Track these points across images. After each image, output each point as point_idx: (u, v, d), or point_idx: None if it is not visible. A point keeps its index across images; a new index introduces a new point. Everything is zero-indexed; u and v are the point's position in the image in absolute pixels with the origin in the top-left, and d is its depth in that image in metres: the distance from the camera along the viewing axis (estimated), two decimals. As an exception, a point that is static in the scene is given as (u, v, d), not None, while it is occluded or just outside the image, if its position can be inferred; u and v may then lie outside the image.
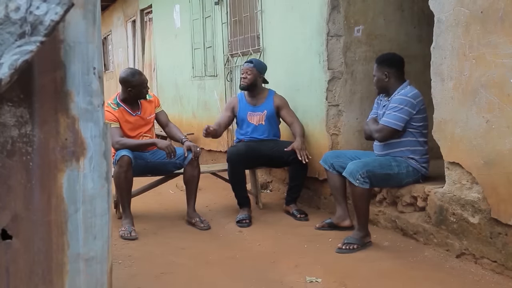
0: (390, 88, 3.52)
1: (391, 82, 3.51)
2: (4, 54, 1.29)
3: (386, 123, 3.40)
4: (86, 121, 1.55)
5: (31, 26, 1.30)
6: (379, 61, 3.56)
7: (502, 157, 2.72)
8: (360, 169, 3.30)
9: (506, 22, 2.64)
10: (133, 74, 4.04)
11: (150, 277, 2.96)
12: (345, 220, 3.71)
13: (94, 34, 1.57)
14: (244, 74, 4.33)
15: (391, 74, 3.50)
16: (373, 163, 3.39)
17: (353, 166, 3.34)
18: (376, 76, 3.56)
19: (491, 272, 2.81)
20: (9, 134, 1.45)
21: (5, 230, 1.46)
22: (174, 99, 7.80)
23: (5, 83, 1.31)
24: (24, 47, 1.30)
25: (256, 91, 4.38)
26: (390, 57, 3.59)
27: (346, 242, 3.30)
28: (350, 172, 3.32)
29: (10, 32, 1.29)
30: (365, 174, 3.28)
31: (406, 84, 3.50)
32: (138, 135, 4.12)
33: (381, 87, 3.57)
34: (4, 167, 1.44)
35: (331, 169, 3.70)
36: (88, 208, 1.57)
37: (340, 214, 3.73)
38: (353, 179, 3.29)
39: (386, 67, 3.51)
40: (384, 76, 3.51)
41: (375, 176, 3.33)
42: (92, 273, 1.59)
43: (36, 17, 1.30)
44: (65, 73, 1.50)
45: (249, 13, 5.36)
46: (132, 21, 10.10)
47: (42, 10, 1.30)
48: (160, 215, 4.39)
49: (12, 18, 1.28)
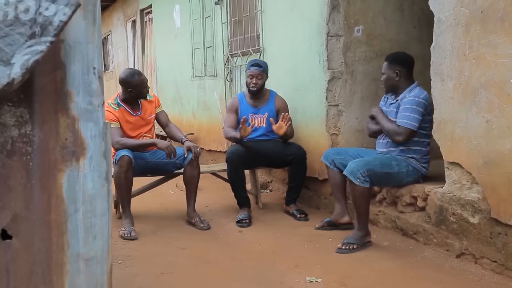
0: (400, 88, 3.51)
1: (401, 82, 3.49)
2: (15, 54, 1.32)
3: (405, 124, 3.36)
4: (86, 121, 1.55)
5: (40, 27, 1.34)
6: (391, 59, 3.53)
7: (502, 157, 2.72)
8: (360, 168, 3.30)
9: (506, 22, 2.64)
10: (132, 74, 4.04)
11: (150, 277, 2.96)
12: (344, 217, 3.72)
13: (94, 34, 1.57)
14: (255, 79, 4.28)
15: (402, 73, 3.49)
16: (374, 162, 3.39)
17: (353, 165, 3.34)
18: (386, 74, 3.53)
19: (491, 272, 2.81)
20: (9, 134, 1.45)
21: (5, 230, 1.46)
22: (174, 99, 7.80)
23: (17, 82, 1.34)
24: (34, 47, 1.33)
25: (260, 93, 4.38)
26: (402, 55, 3.57)
27: (345, 242, 3.30)
28: (351, 171, 3.32)
29: (20, 32, 1.32)
30: (365, 173, 3.28)
31: (416, 85, 3.49)
32: (138, 135, 4.12)
33: (390, 86, 3.55)
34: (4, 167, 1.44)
35: (332, 165, 3.70)
36: (88, 208, 1.57)
37: (339, 211, 3.73)
38: (354, 178, 3.29)
39: (397, 66, 3.49)
40: (395, 75, 3.49)
41: (376, 175, 3.33)
42: (92, 273, 1.59)
43: (46, 18, 1.34)
44: (65, 73, 1.50)
45: (249, 13, 5.36)
46: (132, 21, 10.10)
47: (51, 11, 1.34)
48: (160, 215, 4.39)
49: (22, 19, 1.32)
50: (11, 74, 1.32)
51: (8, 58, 1.32)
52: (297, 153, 4.15)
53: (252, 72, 4.29)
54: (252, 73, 4.30)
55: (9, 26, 1.31)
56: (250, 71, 4.31)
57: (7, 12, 1.30)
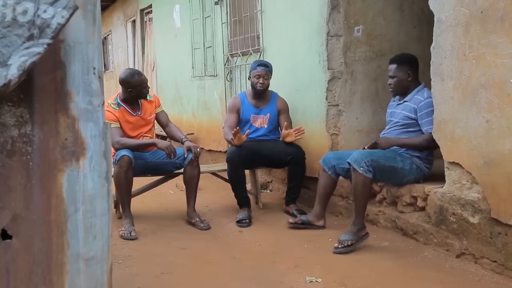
0: (409, 89, 3.51)
1: (411, 82, 3.49)
2: (12, 55, 1.33)
3: (431, 130, 3.28)
4: (86, 121, 1.55)
5: (39, 29, 1.35)
6: (400, 61, 3.52)
7: (502, 157, 2.72)
8: (365, 157, 3.29)
9: (506, 22, 2.64)
10: (132, 74, 4.04)
11: (150, 277, 2.96)
12: (320, 220, 3.76)
13: (94, 34, 1.57)
14: (261, 79, 4.28)
15: (412, 74, 3.49)
16: (378, 153, 3.39)
17: (358, 153, 3.33)
18: (397, 76, 3.50)
19: (491, 272, 2.80)
20: (9, 134, 1.45)
21: (5, 230, 1.46)
22: (174, 99, 7.80)
23: (14, 83, 1.34)
24: (31, 49, 1.34)
25: (263, 93, 4.38)
26: (410, 56, 3.56)
27: (341, 240, 3.29)
28: (355, 159, 3.30)
29: (17, 34, 1.33)
30: (369, 163, 3.28)
31: (423, 86, 3.49)
32: (138, 135, 4.12)
33: (401, 87, 3.52)
34: (4, 167, 1.44)
35: (331, 171, 3.65)
36: (88, 208, 1.57)
37: (317, 213, 3.75)
38: (358, 166, 3.27)
39: (408, 67, 3.48)
40: (407, 76, 3.48)
41: (379, 167, 3.32)
42: (92, 273, 1.59)
43: (44, 21, 1.35)
44: (65, 73, 1.51)
45: (249, 13, 5.36)
46: (132, 21, 10.10)
47: (49, 14, 1.35)
48: (160, 215, 4.39)
49: (20, 21, 1.33)
50: (7, 75, 1.32)
51: (5, 59, 1.32)
52: (296, 153, 4.15)
53: (260, 72, 4.29)
54: (259, 73, 4.29)
55: (6, 27, 1.32)
56: (257, 71, 4.30)
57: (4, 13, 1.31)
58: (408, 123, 3.48)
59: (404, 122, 3.50)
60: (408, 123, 3.48)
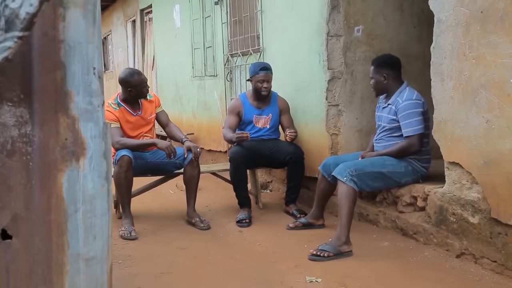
0: (389, 90, 3.53)
1: (389, 84, 3.52)
2: None
3: (413, 132, 3.36)
4: (86, 121, 1.54)
5: (6, 20, 1.23)
6: (377, 64, 3.55)
7: (502, 157, 2.72)
8: (348, 167, 3.31)
9: (506, 22, 2.64)
10: (132, 74, 4.04)
11: (150, 277, 2.96)
12: (319, 219, 3.81)
13: (94, 34, 1.57)
14: (265, 83, 4.27)
15: (389, 76, 3.51)
16: (364, 162, 3.41)
17: (343, 165, 3.36)
18: (374, 78, 3.55)
19: (491, 272, 2.81)
20: (9, 134, 1.45)
21: (5, 230, 1.46)
22: (174, 99, 7.80)
23: None
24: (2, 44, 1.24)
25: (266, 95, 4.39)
26: (388, 58, 3.58)
27: (320, 249, 3.17)
28: (339, 171, 3.34)
29: None
30: (353, 172, 3.28)
31: (405, 86, 3.50)
32: (138, 135, 4.12)
33: (380, 89, 3.57)
34: (4, 167, 1.44)
35: (330, 178, 3.63)
36: (88, 208, 1.57)
37: (316, 214, 3.80)
38: (341, 177, 3.30)
39: (384, 69, 3.51)
40: (383, 78, 3.51)
41: (366, 174, 3.32)
42: (92, 273, 1.59)
43: (12, 11, 1.23)
44: (65, 73, 1.50)
45: (249, 13, 5.36)
46: (132, 21, 10.10)
47: (17, 3, 1.23)
48: (160, 215, 4.39)
49: None
50: None
51: None
52: (295, 153, 4.15)
53: (263, 77, 4.26)
54: (263, 77, 4.26)
55: None
56: (261, 76, 4.26)
57: None
58: (394, 127, 3.48)
59: (390, 126, 3.50)
60: (394, 126, 3.48)
